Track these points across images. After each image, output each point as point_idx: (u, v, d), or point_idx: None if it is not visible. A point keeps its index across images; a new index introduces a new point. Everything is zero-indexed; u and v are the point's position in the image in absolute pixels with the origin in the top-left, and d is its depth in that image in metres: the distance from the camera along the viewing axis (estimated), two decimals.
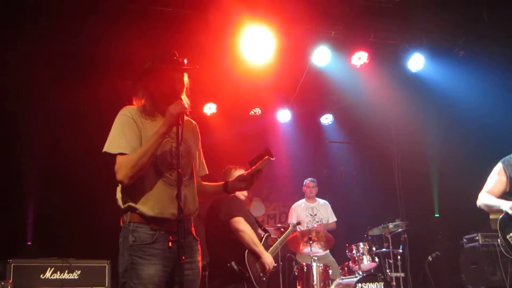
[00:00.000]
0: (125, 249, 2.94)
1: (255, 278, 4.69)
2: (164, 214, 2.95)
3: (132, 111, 3.09)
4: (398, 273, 7.15)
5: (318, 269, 6.55)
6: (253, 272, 4.69)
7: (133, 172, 2.88)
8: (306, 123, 9.56)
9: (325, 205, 8.21)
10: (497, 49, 7.01)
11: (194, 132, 3.36)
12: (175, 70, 3.06)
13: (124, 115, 3.06)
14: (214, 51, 6.69)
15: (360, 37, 7.19)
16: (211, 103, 8.24)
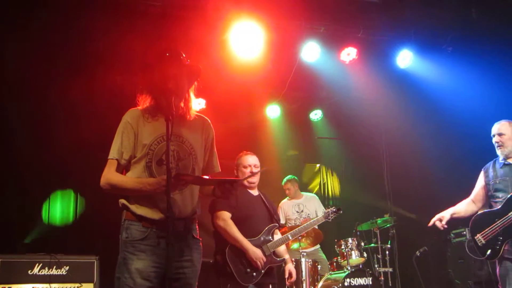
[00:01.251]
0: (120, 246, 3.08)
1: (239, 274, 4.62)
2: (153, 215, 3.03)
3: (133, 115, 3.17)
4: (386, 268, 7.21)
5: (307, 265, 6.57)
6: (236, 268, 4.63)
7: (111, 189, 3.07)
8: (295, 119, 9.56)
9: (312, 199, 8.19)
10: (485, 45, 7.07)
11: (204, 130, 3.36)
12: (177, 69, 3.08)
13: (125, 120, 3.17)
14: (203, 46, 6.66)
15: (349, 33, 7.20)
16: (201, 99, 8.21)
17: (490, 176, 4.75)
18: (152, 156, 3.08)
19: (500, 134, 4.69)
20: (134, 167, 3.10)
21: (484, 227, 4.53)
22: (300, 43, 7.14)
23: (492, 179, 4.70)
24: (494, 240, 4.44)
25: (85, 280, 5.47)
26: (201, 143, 3.29)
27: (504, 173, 4.63)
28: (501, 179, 4.63)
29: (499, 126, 4.74)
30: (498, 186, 4.63)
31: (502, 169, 4.67)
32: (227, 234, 4.72)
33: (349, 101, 8.87)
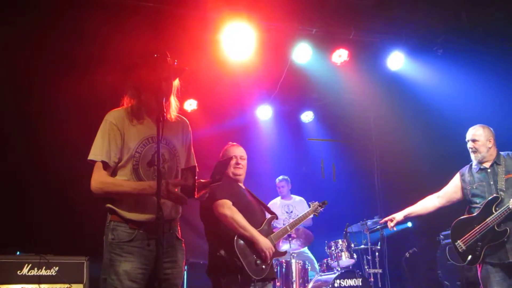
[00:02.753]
0: (106, 247, 3.04)
1: (249, 266, 4.18)
2: (140, 217, 3.02)
3: (117, 116, 3.11)
4: (376, 269, 7.23)
5: (297, 266, 6.59)
6: (246, 260, 4.19)
7: (104, 194, 3.02)
8: (286, 120, 9.58)
9: (301, 202, 8.25)
10: (475, 48, 7.12)
11: (184, 131, 3.37)
12: (163, 70, 3.07)
13: (108, 121, 3.10)
14: (195, 47, 6.66)
15: (341, 35, 7.23)
16: (192, 100, 8.21)
17: (467, 181, 4.77)
18: (139, 159, 3.06)
19: (474, 140, 4.70)
20: (121, 170, 3.07)
21: (464, 233, 4.58)
22: (292, 45, 7.16)
23: (469, 184, 4.73)
24: (474, 246, 4.49)
25: (74, 280, 5.44)
26: (181, 144, 3.31)
27: (480, 178, 4.65)
28: (478, 184, 4.65)
29: (473, 132, 4.75)
30: (475, 192, 4.66)
31: (478, 174, 4.69)
32: (235, 222, 4.25)
33: (340, 102, 8.91)
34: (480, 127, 4.76)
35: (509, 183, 4.46)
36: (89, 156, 3.06)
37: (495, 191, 4.50)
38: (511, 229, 4.34)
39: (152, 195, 2.83)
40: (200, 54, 6.81)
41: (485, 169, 4.65)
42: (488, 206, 4.48)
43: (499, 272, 4.39)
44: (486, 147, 4.64)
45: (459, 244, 4.61)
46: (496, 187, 4.50)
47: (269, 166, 8.99)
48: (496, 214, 4.39)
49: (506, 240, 4.33)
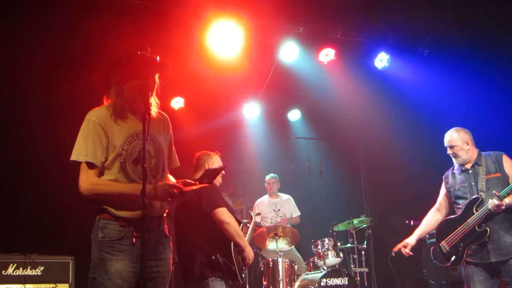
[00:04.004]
0: (95, 245, 2.99)
1: (239, 272, 4.41)
2: (131, 214, 2.97)
3: (100, 114, 3.07)
4: (362, 268, 7.28)
5: (284, 265, 6.60)
6: (238, 266, 4.42)
7: (95, 196, 2.97)
8: (273, 119, 9.59)
9: (288, 200, 8.28)
10: (460, 49, 7.18)
11: (165, 126, 3.36)
12: (147, 67, 3.04)
13: (91, 120, 3.05)
14: (182, 45, 6.64)
15: (328, 34, 7.26)
16: (179, 97, 8.19)
17: (450, 183, 4.80)
18: (126, 156, 3.02)
19: (451, 146, 4.73)
20: (108, 169, 3.02)
21: (447, 234, 4.63)
22: (279, 44, 7.17)
23: (452, 186, 4.76)
24: (457, 246, 4.54)
25: (60, 280, 5.41)
26: (165, 140, 3.29)
27: (462, 179, 4.68)
28: (460, 186, 4.68)
29: (449, 138, 4.77)
30: (458, 193, 4.69)
31: (461, 175, 4.71)
32: (235, 231, 4.41)
33: (327, 101, 8.93)
34: (455, 132, 4.76)
35: (489, 184, 4.48)
36: (71, 156, 3.00)
37: (476, 191, 4.53)
38: (491, 229, 4.37)
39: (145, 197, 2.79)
40: (188, 52, 6.80)
41: (466, 170, 4.67)
42: (469, 207, 4.51)
43: (482, 271, 4.43)
44: (464, 150, 4.67)
45: (443, 245, 4.66)
46: (477, 187, 4.53)
47: (256, 164, 9.01)
48: (476, 215, 4.42)
49: (487, 240, 4.37)
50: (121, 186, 2.97)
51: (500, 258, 4.33)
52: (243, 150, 9.00)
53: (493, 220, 4.39)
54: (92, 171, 2.98)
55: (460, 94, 7.28)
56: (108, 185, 2.97)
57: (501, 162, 4.56)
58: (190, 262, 4.41)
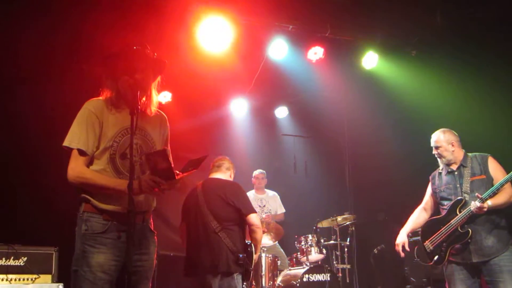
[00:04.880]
0: (78, 238, 3.01)
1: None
2: (115, 208, 3.00)
3: (96, 105, 3.10)
4: (345, 265, 7.35)
5: (267, 260, 6.64)
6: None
7: (80, 185, 3.00)
8: (260, 115, 9.61)
9: (274, 197, 8.32)
10: (448, 50, 7.25)
11: (161, 124, 3.37)
12: (142, 63, 3.07)
13: (87, 109, 3.08)
14: (171, 40, 6.63)
15: (317, 32, 7.29)
16: (166, 92, 8.17)
17: (436, 183, 4.86)
18: (116, 149, 3.05)
19: (436, 147, 4.79)
20: (98, 159, 3.04)
21: (432, 234, 4.70)
22: (268, 40, 7.19)
23: (438, 187, 4.81)
24: (440, 246, 4.61)
25: (43, 271, 5.39)
26: (159, 138, 3.31)
27: (448, 180, 4.73)
28: (445, 187, 4.74)
29: (435, 138, 4.82)
30: (443, 194, 4.75)
31: (446, 177, 4.77)
32: (260, 237, 5.15)
33: (314, 99, 8.98)
34: (441, 133, 4.82)
35: (474, 185, 4.54)
36: (64, 142, 3.02)
37: (460, 193, 4.59)
38: (473, 230, 4.44)
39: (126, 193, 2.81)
40: (177, 46, 6.78)
41: (452, 171, 4.72)
42: (453, 208, 4.57)
43: (463, 270, 4.51)
44: (449, 151, 4.72)
45: (427, 244, 4.72)
46: (462, 189, 4.59)
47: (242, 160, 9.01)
48: (460, 216, 4.48)
49: (470, 241, 4.44)
50: (105, 179, 2.98)
51: (481, 258, 4.40)
52: (229, 146, 9.00)
53: (475, 222, 4.45)
54: (82, 159, 3.00)
55: (447, 94, 7.35)
56: (93, 176, 2.98)
57: (486, 164, 4.61)
58: (217, 256, 4.86)
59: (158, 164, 2.87)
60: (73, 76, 6.33)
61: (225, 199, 5.05)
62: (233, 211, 5.04)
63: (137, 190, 2.88)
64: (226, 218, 5.03)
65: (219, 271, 4.82)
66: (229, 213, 5.04)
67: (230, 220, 5.04)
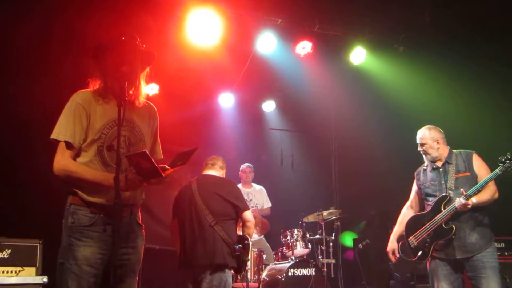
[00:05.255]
0: (65, 230, 2.99)
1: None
2: (102, 200, 2.98)
3: (84, 96, 3.07)
4: (330, 260, 7.38)
5: (253, 254, 6.64)
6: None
7: (65, 178, 2.97)
8: (248, 109, 9.60)
9: (260, 191, 8.31)
10: (435, 47, 7.29)
11: (150, 116, 3.35)
12: (131, 54, 3.04)
13: (74, 101, 3.05)
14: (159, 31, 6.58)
15: (305, 27, 7.29)
16: (154, 84, 8.11)
17: (421, 180, 4.89)
18: (104, 141, 3.02)
19: (421, 144, 4.81)
20: (85, 151, 3.02)
21: (416, 230, 4.73)
22: (257, 34, 7.17)
23: (423, 183, 4.84)
24: (424, 242, 4.64)
25: (27, 264, 5.35)
26: (148, 130, 3.28)
27: (433, 177, 4.76)
28: (430, 183, 4.76)
29: (420, 135, 4.85)
30: (428, 191, 4.78)
31: (431, 173, 4.79)
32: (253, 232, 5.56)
33: (301, 94, 8.99)
34: (426, 130, 4.84)
35: (458, 182, 4.57)
36: (52, 135, 3.00)
37: (445, 189, 4.62)
38: (457, 227, 4.48)
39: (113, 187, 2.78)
40: (165, 38, 6.74)
41: (437, 168, 4.75)
42: (438, 205, 4.60)
43: (446, 266, 4.55)
44: (434, 148, 4.74)
45: (411, 240, 4.75)
46: (446, 186, 4.63)
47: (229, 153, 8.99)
48: (444, 212, 4.52)
49: (453, 238, 4.48)
50: (91, 173, 2.96)
51: (465, 255, 4.45)
52: (216, 139, 8.98)
53: (459, 218, 4.49)
54: (69, 151, 2.98)
55: (433, 91, 7.40)
56: (79, 169, 2.96)
57: (470, 161, 4.64)
58: (212, 248, 4.91)
59: (141, 164, 2.84)
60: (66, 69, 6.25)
61: (223, 195, 5.17)
62: (229, 207, 5.17)
63: (123, 187, 2.85)
64: (221, 213, 5.12)
65: (215, 263, 4.89)
66: (225, 208, 5.15)
67: (226, 215, 5.13)
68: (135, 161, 2.84)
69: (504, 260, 6.07)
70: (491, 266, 4.38)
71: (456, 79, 7.04)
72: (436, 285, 4.58)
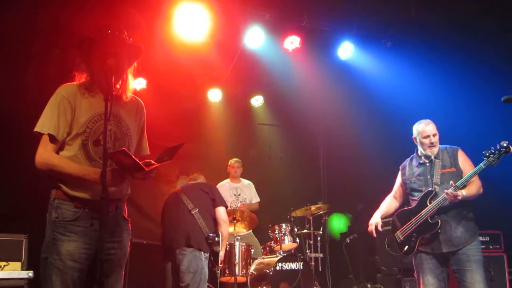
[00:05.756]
0: (49, 225, 2.96)
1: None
2: (86, 195, 2.96)
3: (69, 89, 3.04)
4: (317, 254, 7.41)
5: (241, 248, 6.66)
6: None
7: (48, 171, 2.95)
8: (236, 104, 9.59)
9: (249, 186, 8.32)
10: (422, 42, 7.33)
11: (137, 111, 3.32)
12: (117, 47, 3.01)
13: (59, 94, 3.03)
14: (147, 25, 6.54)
15: (293, 22, 7.29)
16: (141, 78, 8.08)
17: (406, 174, 4.90)
18: (89, 135, 3.00)
19: (435, 134, 4.75)
20: (69, 145, 2.99)
21: (402, 225, 4.77)
22: (245, 29, 7.15)
23: (408, 178, 4.85)
24: (410, 237, 4.67)
25: (13, 258, 5.32)
26: (134, 125, 3.26)
27: (419, 172, 4.77)
28: (416, 178, 4.77)
29: (433, 126, 4.76)
30: (413, 186, 4.79)
31: (418, 168, 4.80)
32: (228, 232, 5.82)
33: (290, 89, 8.99)
34: (431, 122, 4.81)
35: (444, 178, 4.59)
36: (35, 127, 2.97)
37: (431, 185, 4.65)
38: (443, 221, 4.51)
39: (96, 182, 2.76)
40: (152, 32, 6.70)
41: (424, 163, 4.77)
42: (424, 199, 4.63)
43: (432, 260, 4.58)
44: (438, 142, 4.77)
45: (397, 235, 4.78)
46: (432, 181, 4.65)
47: (217, 148, 9.01)
48: (430, 207, 4.54)
49: (439, 232, 4.51)
50: (74, 167, 2.93)
51: (451, 248, 4.48)
52: (204, 134, 8.98)
53: (445, 213, 4.52)
54: (51, 145, 2.95)
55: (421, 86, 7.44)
56: (61, 163, 2.93)
57: (456, 157, 4.67)
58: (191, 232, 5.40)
59: (122, 161, 2.84)
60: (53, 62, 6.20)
61: (204, 189, 5.78)
62: (209, 199, 5.73)
63: (109, 181, 2.83)
64: (201, 204, 5.63)
65: (191, 245, 5.35)
66: (205, 200, 5.67)
67: (205, 206, 5.61)
68: (116, 159, 2.83)
69: (488, 254, 6.13)
70: (475, 259, 4.42)
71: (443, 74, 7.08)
72: (421, 278, 4.62)
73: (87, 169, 2.93)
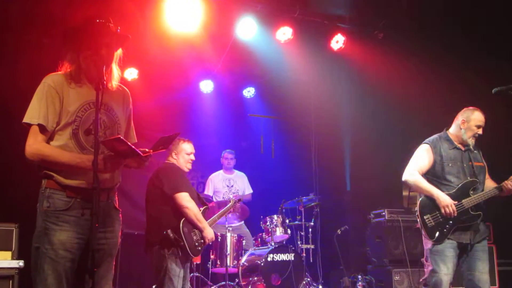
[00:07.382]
0: (40, 215, 2.95)
1: (190, 247, 4.81)
2: (79, 183, 2.95)
3: (56, 79, 3.02)
4: (309, 245, 7.44)
5: (232, 239, 6.68)
6: (188, 242, 4.80)
7: (39, 162, 2.93)
8: (228, 95, 9.58)
9: (242, 177, 8.34)
10: (413, 34, 7.34)
11: (124, 100, 3.32)
12: (105, 37, 2.99)
13: (46, 83, 3.00)
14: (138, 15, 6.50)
15: (286, 13, 7.26)
16: (133, 68, 8.04)
17: (442, 155, 4.66)
18: (79, 124, 2.98)
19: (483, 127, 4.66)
20: (59, 134, 2.97)
21: (434, 209, 4.53)
22: (237, 20, 7.12)
23: (445, 160, 4.63)
24: (444, 223, 4.49)
25: (3, 248, 5.27)
26: (122, 114, 3.25)
27: (455, 157, 4.64)
28: (453, 163, 4.62)
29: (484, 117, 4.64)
30: (451, 170, 4.60)
31: (452, 152, 4.66)
32: (194, 215, 4.89)
33: (282, 80, 8.99)
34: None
35: (477, 170, 4.60)
36: (24, 119, 2.94)
37: (469, 174, 4.57)
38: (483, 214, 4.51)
39: (91, 169, 2.75)
40: (144, 22, 6.66)
41: (459, 149, 4.67)
42: (465, 189, 4.53)
43: (456, 249, 4.48)
44: None
45: (428, 218, 4.54)
46: (471, 171, 4.59)
47: (209, 139, 8.99)
48: (473, 198, 4.48)
49: (476, 223, 4.49)
50: (66, 156, 2.91)
51: (477, 239, 4.51)
52: (196, 125, 8.96)
53: (480, 206, 4.52)
54: (41, 135, 2.93)
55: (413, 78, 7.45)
56: (53, 152, 2.91)
57: (481, 153, 4.75)
58: (151, 234, 4.89)
59: (116, 147, 2.83)
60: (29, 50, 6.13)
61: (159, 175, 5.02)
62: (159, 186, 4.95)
63: (102, 168, 2.83)
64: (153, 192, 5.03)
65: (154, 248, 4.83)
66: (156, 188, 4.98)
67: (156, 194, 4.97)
68: (110, 146, 2.83)
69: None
70: (486, 250, 4.56)
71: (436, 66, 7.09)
72: (440, 266, 4.44)
73: (80, 157, 2.91)
